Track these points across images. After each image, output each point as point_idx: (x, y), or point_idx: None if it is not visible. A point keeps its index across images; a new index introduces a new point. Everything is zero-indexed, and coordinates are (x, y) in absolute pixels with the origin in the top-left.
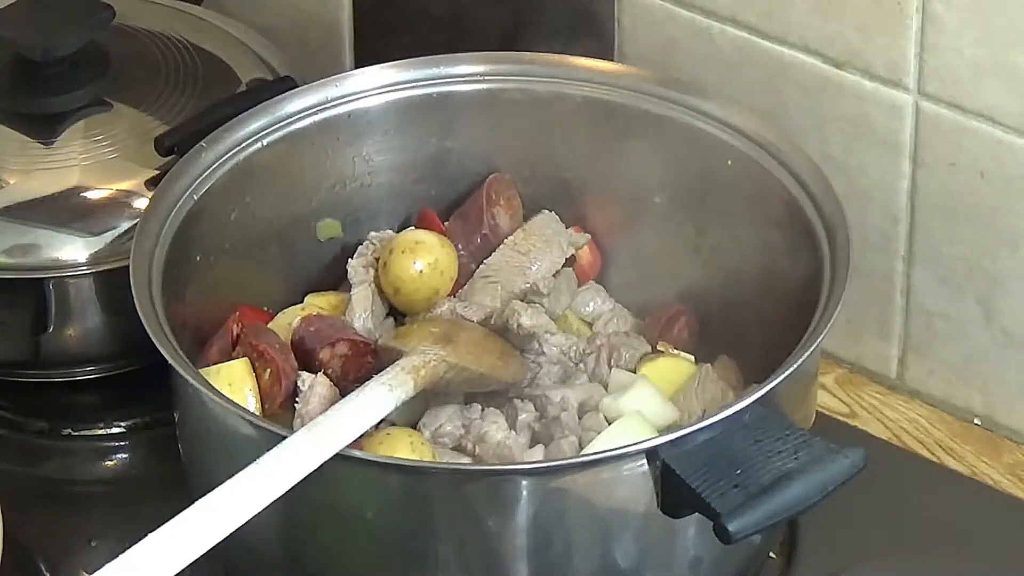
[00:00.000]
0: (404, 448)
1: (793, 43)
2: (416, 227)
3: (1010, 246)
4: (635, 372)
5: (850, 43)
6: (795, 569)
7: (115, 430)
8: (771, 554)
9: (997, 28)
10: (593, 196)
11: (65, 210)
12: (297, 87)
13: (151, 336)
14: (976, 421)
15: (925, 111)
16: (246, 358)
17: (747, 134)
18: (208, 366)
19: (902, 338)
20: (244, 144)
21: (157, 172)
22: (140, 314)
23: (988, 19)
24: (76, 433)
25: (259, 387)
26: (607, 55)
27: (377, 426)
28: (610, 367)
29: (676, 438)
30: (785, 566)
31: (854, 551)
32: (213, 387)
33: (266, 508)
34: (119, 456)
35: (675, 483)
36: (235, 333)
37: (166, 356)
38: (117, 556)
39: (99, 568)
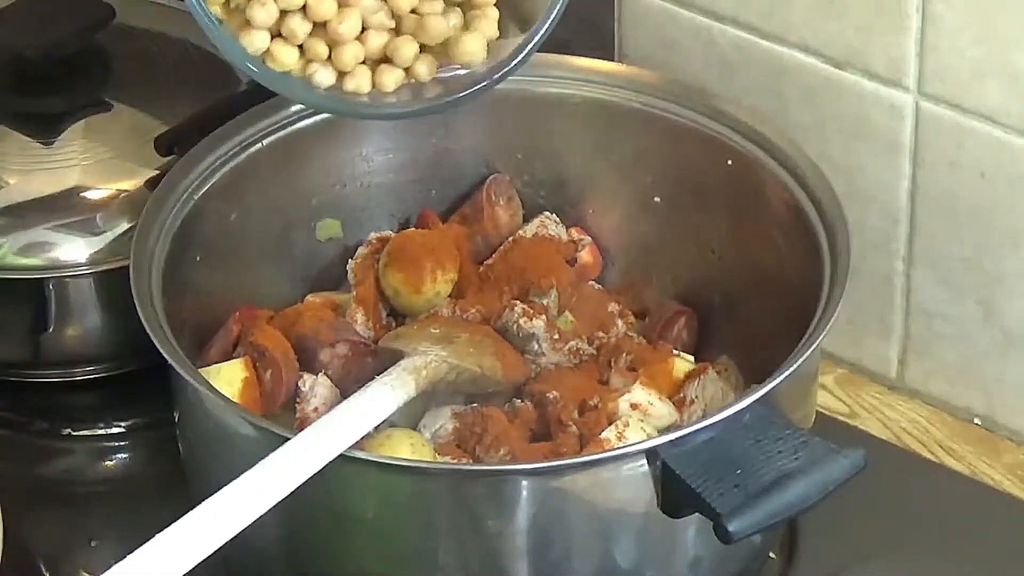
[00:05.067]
0: (404, 449)
1: (793, 43)
2: (416, 227)
3: (1010, 246)
4: (635, 372)
5: (850, 43)
6: (795, 569)
7: (115, 430)
8: (771, 554)
9: (997, 28)
10: (593, 196)
11: (65, 210)
12: None
13: (151, 336)
14: (976, 421)
15: (925, 111)
16: (246, 358)
17: (747, 134)
18: (208, 366)
19: (902, 338)
20: (244, 144)
21: (157, 172)
22: (140, 314)
23: (988, 19)
24: (76, 433)
25: (260, 387)
26: (607, 55)
27: (377, 427)
28: (610, 367)
29: (676, 438)
30: (785, 566)
31: (854, 551)
32: (213, 387)
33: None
34: (119, 456)
35: (675, 483)
36: (235, 333)
37: (166, 356)
38: (117, 556)
39: (99, 568)
